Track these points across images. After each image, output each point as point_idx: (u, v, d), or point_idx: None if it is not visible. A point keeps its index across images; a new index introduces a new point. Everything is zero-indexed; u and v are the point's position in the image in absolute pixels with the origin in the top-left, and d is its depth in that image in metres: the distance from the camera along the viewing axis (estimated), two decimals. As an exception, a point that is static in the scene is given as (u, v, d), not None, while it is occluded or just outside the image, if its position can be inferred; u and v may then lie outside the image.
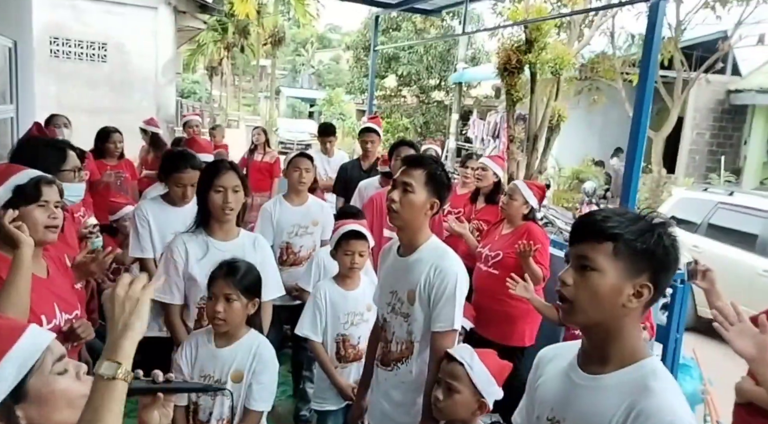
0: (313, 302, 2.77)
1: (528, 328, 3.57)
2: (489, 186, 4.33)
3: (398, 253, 2.15)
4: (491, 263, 3.58)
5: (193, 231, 2.53)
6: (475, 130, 18.49)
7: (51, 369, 1.09)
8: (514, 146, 6.55)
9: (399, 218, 2.05)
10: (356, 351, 2.78)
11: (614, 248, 1.23)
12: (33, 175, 1.87)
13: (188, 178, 2.97)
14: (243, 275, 2.06)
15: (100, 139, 5.24)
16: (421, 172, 2.02)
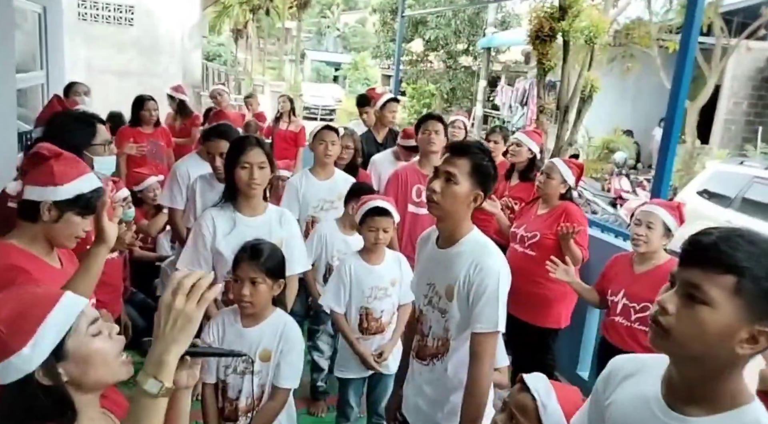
0: (338, 275, 2.80)
1: (564, 310, 3.50)
2: (523, 162, 4.17)
3: (437, 244, 2.04)
4: (528, 244, 3.48)
5: (221, 206, 2.57)
6: (503, 97, 18.16)
7: (86, 331, 1.18)
8: (544, 117, 6.40)
9: (439, 208, 1.93)
10: (378, 324, 2.79)
11: (737, 283, 1.02)
12: (95, 186, 1.83)
13: (214, 147, 2.99)
14: (267, 257, 2.06)
15: (135, 107, 5.27)
16: (466, 162, 1.89)
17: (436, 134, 3.80)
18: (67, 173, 1.77)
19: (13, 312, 1.13)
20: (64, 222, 1.77)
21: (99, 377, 1.21)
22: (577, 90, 6.06)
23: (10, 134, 4.29)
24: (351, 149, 4.03)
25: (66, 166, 1.79)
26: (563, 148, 6.19)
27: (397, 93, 14.65)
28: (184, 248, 2.60)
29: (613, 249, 3.86)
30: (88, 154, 2.37)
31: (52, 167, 1.76)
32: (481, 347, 1.87)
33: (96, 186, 1.84)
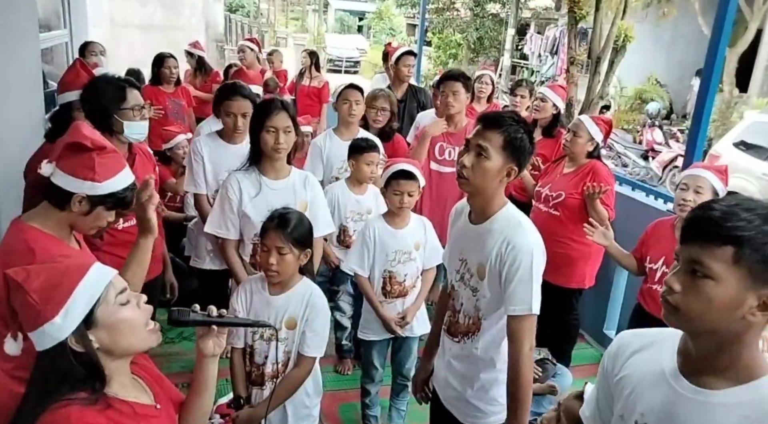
0: (362, 238, 2.79)
1: (588, 269, 3.46)
2: (547, 118, 4.08)
3: (470, 218, 1.96)
4: (552, 204, 3.41)
5: (246, 169, 2.57)
6: (532, 45, 17.62)
7: (114, 300, 1.25)
8: (575, 68, 6.19)
9: (469, 184, 1.83)
10: (402, 288, 2.78)
11: (735, 254, 1.03)
12: (129, 182, 1.80)
13: (237, 106, 2.93)
14: (294, 226, 2.04)
15: (155, 65, 5.23)
16: (499, 136, 1.77)
17: (455, 96, 3.66)
18: (107, 170, 1.74)
19: (46, 283, 1.19)
20: (93, 215, 1.76)
21: (128, 345, 1.28)
22: (610, 40, 5.82)
23: (36, 96, 4.30)
24: (387, 111, 3.83)
25: (107, 162, 1.75)
26: (594, 101, 6.01)
27: (423, 43, 14.35)
28: (212, 211, 2.63)
29: (643, 208, 3.79)
30: (118, 118, 2.37)
31: (94, 162, 1.71)
32: (518, 330, 1.79)
33: (130, 182, 1.81)
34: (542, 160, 4.03)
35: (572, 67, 6.18)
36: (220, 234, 2.58)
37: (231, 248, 2.60)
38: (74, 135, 1.73)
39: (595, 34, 5.94)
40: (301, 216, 2.15)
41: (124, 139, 2.44)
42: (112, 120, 2.37)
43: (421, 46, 14.60)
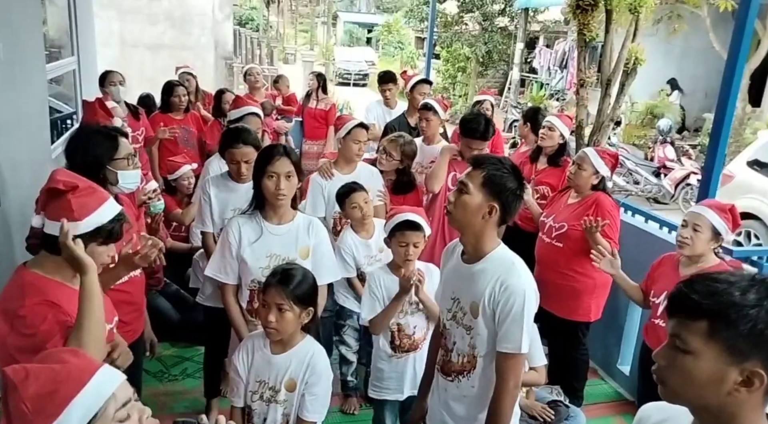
0: (369, 289, 2.71)
1: (594, 302, 3.41)
2: (554, 147, 4.05)
3: (462, 258, 2.00)
4: (555, 235, 3.39)
5: (249, 213, 2.53)
6: (542, 59, 17.54)
7: (113, 416, 1.15)
8: (585, 91, 6.11)
9: (453, 219, 1.94)
10: (411, 341, 2.70)
11: (709, 327, 1.03)
12: (114, 214, 1.79)
13: (240, 153, 2.92)
14: (297, 284, 1.99)
15: (165, 93, 5.25)
16: (479, 173, 1.88)
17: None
18: (85, 207, 1.74)
19: (42, 389, 1.10)
20: (91, 254, 1.74)
21: None
22: (621, 62, 5.73)
23: (43, 129, 4.31)
24: (393, 160, 3.76)
25: (83, 199, 1.75)
26: (605, 124, 5.91)
27: (431, 56, 14.32)
28: (212, 254, 2.61)
29: (657, 241, 3.70)
30: (112, 168, 2.34)
31: (70, 202, 1.72)
32: (505, 367, 1.86)
33: (116, 213, 1.81)
34: (549, 188, 3.99)
35: (582, 90, 6.09)
36: (220, 278, 2.55)
37: (230, 293, 2.56)
38: (49, 181, 1.76)
39: (605, 56, 5.86)
40: (306, 273, 2.09)
41: (116, 190, 2.38)
42: (105, 171, 2.33)
43: (429, 60, 14.58)
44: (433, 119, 4.16)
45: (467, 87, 19.98)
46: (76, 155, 2.34)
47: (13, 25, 3.66)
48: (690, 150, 10.76)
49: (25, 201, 3.45)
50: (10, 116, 3.55)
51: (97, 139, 2.34)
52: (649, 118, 12.25)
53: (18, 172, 3.62)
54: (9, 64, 3.54)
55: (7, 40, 3.51)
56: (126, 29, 13.07)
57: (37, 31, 4.22)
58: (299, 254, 2.49)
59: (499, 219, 1.90)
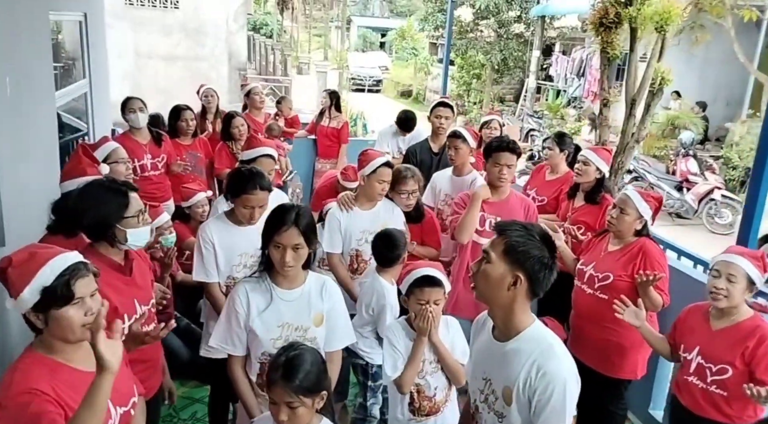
0: (390, 344, 2.54)
1: (641, 357, 3.16)
2: (590, 183, 3.79)
3: (493, 333, 1.83)
4: (598, 286, 3.12)
5: (257, 278, 2.32)
6: (558, 67, 17.33)
7: None
8: (608, 111, 5.91)
9: (478, 291, 1.78)
10: (432, 403, 2.53)
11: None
12: (60, 270, 1.63)
13: (257, 200, 2.76)
14: (304, 376, 1.83)
15: (172, 118, 5.11)
16: (501, 241, 1.72)
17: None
18: (22, 277, 1.62)
19: None
20: (54, 321, 1.63)
21: None
22: (646, 82, 5.53)
23: (52, 159, 4.20)
24: (417, 193, 3.63)
25: (20, 269, 1.63)
26: (629, 145, 5.71)
27: (448, 63, 14.13)
28: (218, 322, 2.38)
29: (690, 282, 3.49)
30: (121, 227, 2.20)
31: (8, 277, 1.63)
32: None
33: (63, 268, 1.64)
34: (585, 228, 3.76)
35: (605, 109, 5.90)
36: (226, 350, 2.33)
37: (238, 365, 2.35)
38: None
39: (630, 75, 5.66)
40: (312, 358, 1.92)
41: (124, 248, 2.25)
42: (114, 230, 2.19)
43: (446, 68, 14.41)
44: (462, 147, 3.96)
45: (482, 94, 19.79)
46: (83, 217, 2.20)
47: (21, 59, 3.56)
48: (713, 164, 10.49)
49: (33, 239, 3.34)
50: (17, 151, 3.45)
51: (106, 197, 2.21)
52: (669, 129, 11.95)
53: (26, 208, 3.51)
54: (17, 98, 3.44)
55: (15, 74, 3.41)
56: (140, 40, 13.07)
57: (47, 63, 4.12)
58: (313, 321, 2.31)
59: (528, 291, 1.72)
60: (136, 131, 4.65)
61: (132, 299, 2.28)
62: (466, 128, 4.13)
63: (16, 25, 3.51)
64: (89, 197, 2.22)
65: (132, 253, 2.33)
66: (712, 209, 9.52)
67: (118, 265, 2.26)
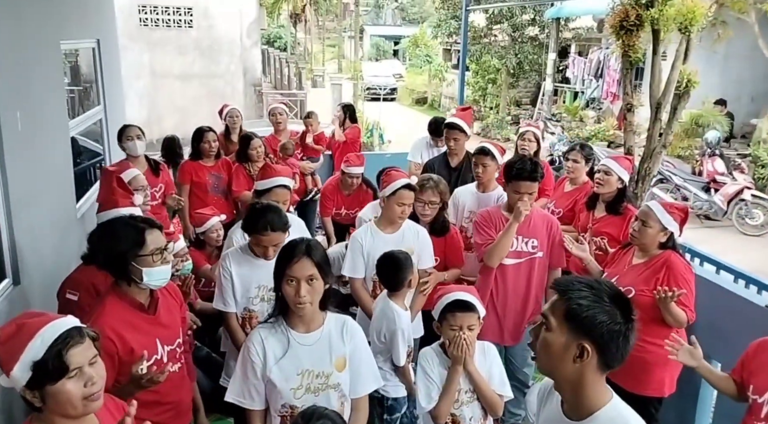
0: (424, 374, 2.43)
1: (668, 375, 3.03)
2: (612, 193, 3.68)
3: (563, 408, 1.60)
4: None
5: (272, 322, 2.18)
6: (575, 69, 17.07)
7: None
8: (632, 116, 5.72)
9: (539, 363, 1.55)
10: None
11: None
12: (51, 340, 1.50)
13: (268, 240, 2.70)
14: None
15: (194, 140, 5.06)
16: (561, 304, 1.47)
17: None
18: (11, 354, 1.49)
19: None
20: (51, 397, 1.51)
21: None
22: (671, 85, 5.33)
23: (67, 190, 4.16)
24: (436, 205, 3.51)
25: (8, 347, 1.50)
26: (656, 150, 5.51)
27: (464, 69, 14.00)
28: (233, 375, 2.24)
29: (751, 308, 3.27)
30: (137, 265, 2.13)
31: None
32: None
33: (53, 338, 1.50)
34: (608, 240, 3.61)
35: (629, 115, 5.71)
36: (243, 404, 2.17)
37: (256, 420, 2.18)
38: None
39: (654, 78, 5.47)
40: (333, 416, 1.81)
41: (144, 287, 2.19)
42: (129, 267, 2.14)
43: (462, 74, 14.28)
44: (490, 165, 3.84)
45: (498, 99, 19.60)
46: (98, 252, 2.19)
47: (32, 92, 3.53)
48: (742, 163, 10.18)
49: (48, 276, 3.29)
50: (30, 188, 3.39)
51: (122, 233, 2.15)
52: (693, 128, 11.65)
53: (40, 243, 3.46)
54: (29, 132, 3.39)
55: (26, 107, 3.36)
56: (156, 60, 13.17)
57: (59, 93, 4.09)
58: (335, 367, 2.17)
59: (599, 364, 1.48)
60: (133, 159, 4.50)
61: (154, 338, 2.22)
62: (492, 144, 4.00)
63: (26, 58, 3.47)
64: (106, 234, 2.20)
65: (158, 291, 2.26)
66: (743, 210, 9.22)
67: (139, 303, 2.21)
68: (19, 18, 3.42)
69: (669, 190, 9.83)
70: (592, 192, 3.82)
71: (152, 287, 2.21)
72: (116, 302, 2.16)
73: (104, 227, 2.24)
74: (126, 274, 2.15)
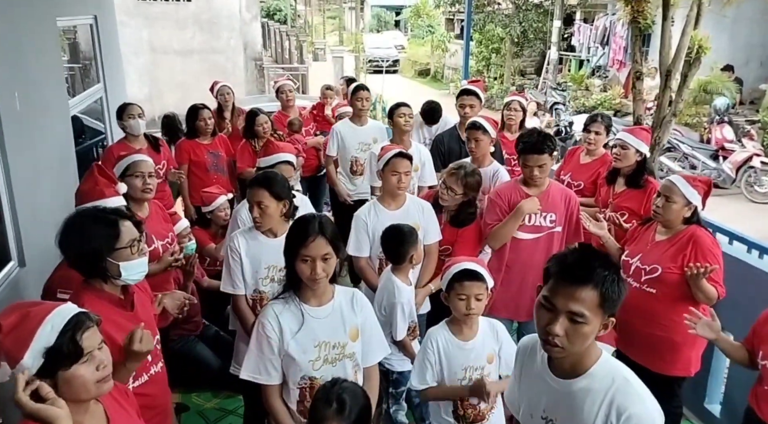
0: (423, 353, 2.42)
1: (695, 354, 2.93)
2: (631, 166, 3.57)
3: (549, 366, 1.62)
4: (645, 279, 2.88)
5: (284, 298, 2.17)
6: (581, 36, 16.73)
7: None
8: (641, 84, 5.62)
9: (564, 352, 1.51)
10: (476, 411, 2.38)
11: None
12: (61, 326, 1.47)
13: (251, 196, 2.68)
14: (351, 409, 1.75)
15: (189, 118, 4.96)
16: (593, 292, 1.45)
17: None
18: (18, 342, 1.44)
19: None
20: (64, 383, 1.47)
21: None
22: (681, 51, 5.21)
23: (69, 169, 4.11)
24: (457, 195, 3.32)
25: (15, 334, 1.46)
26: (666, 119, 5.42)
27: (469, 39, 13.73)
28: (248, 351, 2.22)
29: (747, 270, 3.25)
30: (113, 260, 2.01)
31: (4, 346, 1.45)
32: None
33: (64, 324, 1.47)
34: (629, 214, 3.53)
35: (638, 83, 5.60)
36: (260, 380, 2.17)
37: (274, 395, 2.19)
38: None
39: (664, 45, 5.34)
40: (356, 391, 1.82)
41: (121, 282, 2.07)
42: (105, 263, 2.00)
43: (467, 44, 13.98)
44: (482, 139, 3.74)
45: (502, 68, 19.33)
46: (70, 249, 2.02)
47: (30, 71, 3.46)
48: (751, 129, 10.03)
49: (53, 257, 3.26)
50: (31, 168, 3.35)
51: (94, 228, 2.01)
52: (701, 95, 11.45)
53: (43, 225, 3.42)
54: (28, 112, 3.34)
55: (24, 87, 3.30)
56: (155, 36, 12.96)
57: (58, 71, 4.02)
58: (349, 336, 2.17)
59: None
60: (133, 138, 4.43)
61: None
62: (484, 118, 3.90)
63: (21, 36, 3.39)
64: (73, 230, 2.02)
65: (131, 286, 2.15)
66: (752, 177, 9.12)
67: (118, 299, 2.08)
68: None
69: (677, 159, 9.72)
70: (612, 167, 3.71)
71: (130, 282, 2.10)
72: (94, 300, 1.99)
73: (71, 224, 2.05)
74: (101, 271, 2.01)
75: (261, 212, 2.66)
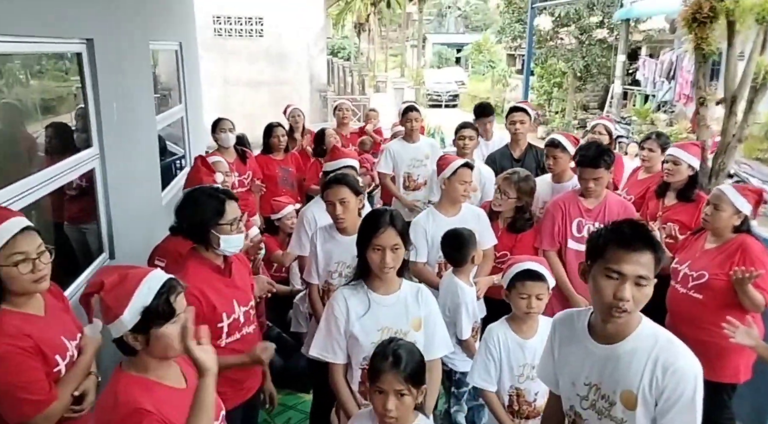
0: (485, 347, 2.50)
1: (744, 361, 2.94)
2: (683, 181, 3.62)
3: (591, 335, 1.73)
4: (692, 285, 2.96)
5: (353, 285, 2.34)
6: (646, 70, 16.58)
7: None
8: (706, 110, 5.56)
9: (628, 317, 1.65)
10: (532, 408, 2.45)
11: None
12: (157, 288, 1.63)
13: (333, 193, 2.87)
14: (407, 363, 1.83)
15: (265, 136, 5.38)
16: (650, 255, 1.62)
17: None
18: (119, 299, 1.61)
19: None
20: (155, 340, 1.63)
21: None
22: (747, 77, 5.15)
23: (154, 180, 4.48)
24: (510, 199, 3.48)
25: (116, 292, 1.63)
26: (731, 145, 5.34)
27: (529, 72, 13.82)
28: (317, 330, 2.41)
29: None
30: (215, 233, 2.31)
31: (105, 302, 1.63)
32: None
33: (159, 286, 1.64)
34: (679, 227, 3.55)
35: (702, 109, 5.55)
36: (327, 358, 2.33)
37: (339, 373, 2.34)
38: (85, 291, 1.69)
39: (729, 71, 5.29)
40: (412, 348, 1.92)
41: (220, 253, 2.38)
42: (209, 235, 2.32)
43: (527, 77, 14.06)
44: (561, 156, 3.82)
45: (564, 103, 19.28)
46: (183, 218, 2.37)
47: (126, 87, 3.84)
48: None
49: (137, 252, 3.57)
50: (124, 173, 3.70)
51: (205, 202, 2.34)
52: (773, 129, 11.11)
53: (131, 224, 3.75)
54: (123, 123, 3.70)
55: (120, 100, 3.67)
56: (228, 69, 13.78)
57: (148, 89, 4.41)
58: (412, 326, 2.30)
59: None
60: (224, 150, 4.84)
61: (231, 300, 2.39)
62: (563, 135, 4.00)
63: (121, 55, 3.79)
64: (190, 202, 2.37)
65: (231, 256, 2.43)
66: (829, 213, 8.70)
67: (217, 267, 2.38)
68: (116, 19, 3.75)
69: (747, 194, 9.41)
70: (662, 181, 3.77)
71: (227, 253, 2.38)
72: (198, 265, 2.34)
73: (188, 197, 2.42)
74: (205, 240, 2.33)
75: (344, 207, 2.84)
